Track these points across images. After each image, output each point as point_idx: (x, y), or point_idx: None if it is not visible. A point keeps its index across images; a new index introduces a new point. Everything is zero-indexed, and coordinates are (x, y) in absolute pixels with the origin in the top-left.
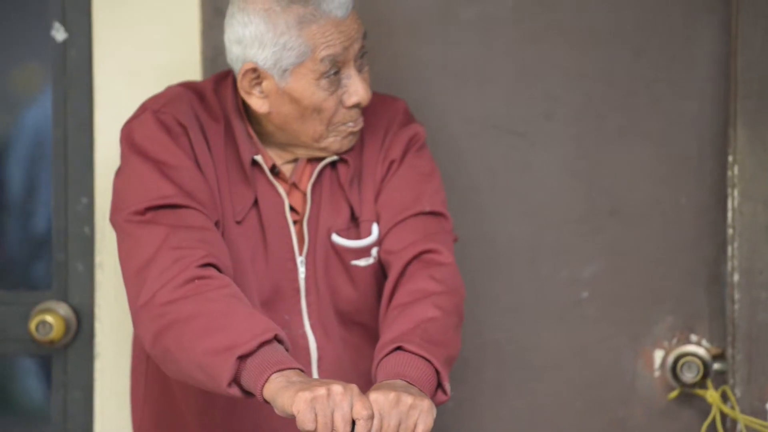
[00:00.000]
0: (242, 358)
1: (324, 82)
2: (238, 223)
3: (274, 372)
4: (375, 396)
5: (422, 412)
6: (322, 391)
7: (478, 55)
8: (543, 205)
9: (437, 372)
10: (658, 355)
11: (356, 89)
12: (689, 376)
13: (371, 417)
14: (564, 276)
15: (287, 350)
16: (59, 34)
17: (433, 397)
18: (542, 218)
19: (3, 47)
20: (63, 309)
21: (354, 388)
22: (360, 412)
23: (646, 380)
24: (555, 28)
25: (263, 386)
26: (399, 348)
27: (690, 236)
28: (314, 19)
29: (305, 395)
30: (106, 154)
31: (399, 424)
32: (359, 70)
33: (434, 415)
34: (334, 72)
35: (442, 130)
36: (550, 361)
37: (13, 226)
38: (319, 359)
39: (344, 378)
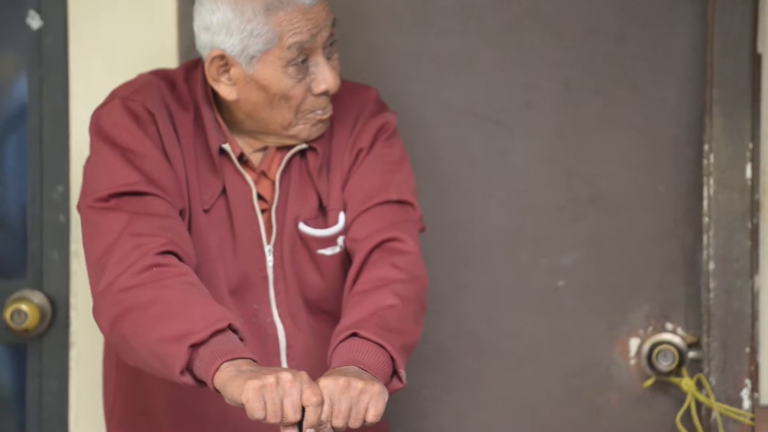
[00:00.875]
0: (195, 346)
1: (291, 69)
2: (206, 211)
3: (225, 361)
4: (325, 382)
5: (373, 396)
6: (270, 379)
7: (458, 44)
8: (522, 193)
9: (393, 359)
10: (634, 343)
11: (324, 77)
12: (665, 364)
13: (321, 403)
14: (543, 264)
15: (242, 340)
16: (35, 21)
17: (388, 384)
18: (521, 207)
19: None
20: (38, 298)
21: (303, 375)
22: (309, 398)
23: (622, 368)
24: (535, 16)
25: (214, 375)
26: (354, 334)
27: (667, 224)
28: (281, 6)
29: (254, 383)
30: (82, 142)
31: (350, 409)
32: (328, 58)
33: (386, 399)
34: (301, 59)
35: (421, 118)
36: (528, 349)
37: None
38: (288, 348)
39: (313, 366)
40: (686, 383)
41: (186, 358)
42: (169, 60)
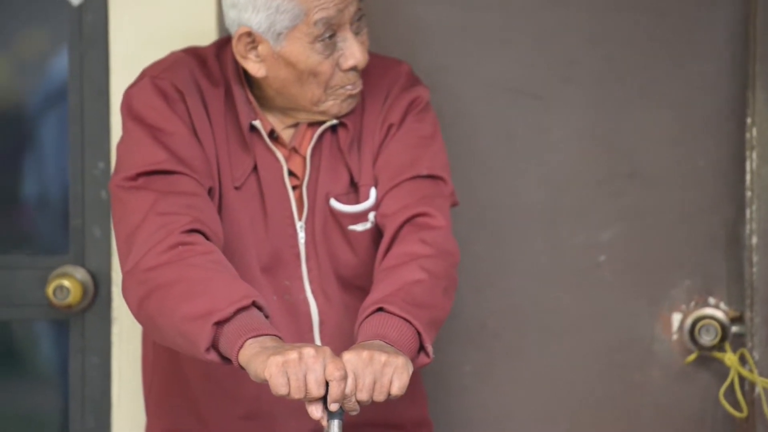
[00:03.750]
0: (219, 324)
1: (319, 45)
2: (237, 188)
3: (249, 338)
4: (348, 356)
5: (397, 368)
6: (293, 355)
7: (497, 18)
8: (561, 168)
9: (419, 334)
10: (676, 318)
11: (352, 52)
12: (707, 339)
13: (344, 377)
14: (582, 240)
15: (267, 317)
16: None
17: (414, 359)
18: (560, 182)
19: (19, 12)
20: (80, 273)
21: (326, 350)
22: (333, 373)
23: (664, 344)
24: None
25: (238, 352)
26: (380, 309)
27: (708, 199)
28: None
29: (277, 359)
30: None
31: (374, 383)
32: (356, 33)
33: (410, 372)
34: (329, 35)
35: (459, 94)
36: (569, 325)
37: (30, 190)
38: (321, 324)
39: (346, 342)
40: (729, 358)
41: (211, 335)
42: (209, 37)
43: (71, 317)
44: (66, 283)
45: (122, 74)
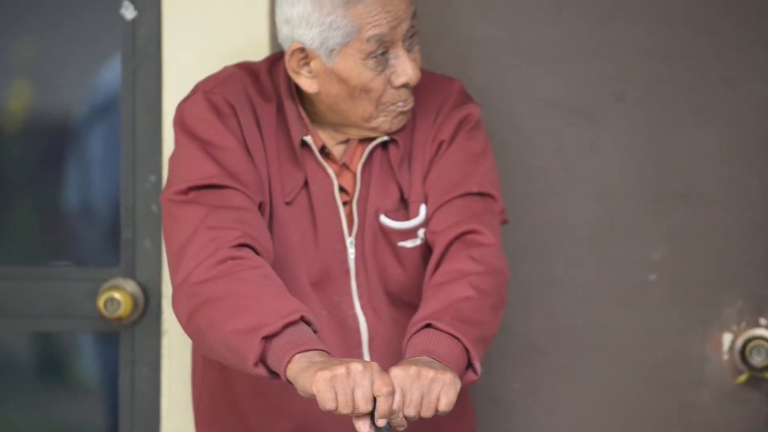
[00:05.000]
0: (268, 338)
1: (371, 62)
2: (288, 204)
3: (298, 352)
4: (396, 372)
5: (444, 384)
6: (341, 370)
7: (548, 36)
8: (612, 186)
9: (467, 351)
10: (727, 338)
11: (404, 69)
12: (758, 359)
13: (392, 393)
14: (633, 258)
15: (315, 332)
16: (129, 12)
17: (462, 376)
18: (612, 200)
19: (73, 25)
20: (131, 286)
21: (374, 365)
22: (380, 388)
23: (715, 364)
24: (628, 7)
25: (286, 366)
26: (428, 326)
27: (761, 219)
28: None
29: (324, 374)
30: None
31: (421, 398)
32: (408, 50)
33: (458, 388)
34: (381, 52)
35: (510, 111)
36: (618, 343)
37: (81, 203)
38: (370, 340)
39: (395, 358)
40: None
41: (259, 350)
42: (261, 52)
43: (121, 330)
44: (116, 295)
45: (175, 88)
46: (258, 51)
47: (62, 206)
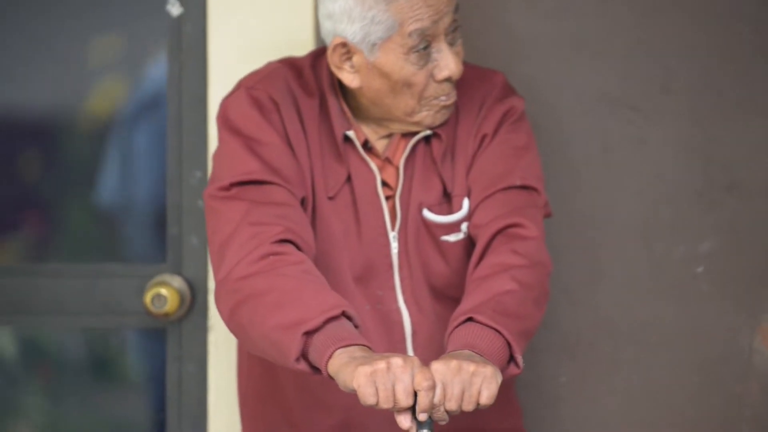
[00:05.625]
0: (309, 333)
1: (413, 56)
2: (331, 198)
3: (339, 348)
4: (436, 366)
5: (485, 378)
6: (381, 364)
7: (594, 28)
8: (658, 180)
9: (509, 344)
10: None
11: (447, 63)
12: None
13: (433, 387)
14: (680, 251)
15: (356, 327)
16: (175, 9)
17: (504, 370)
18: (658, 193)
19: (119, 22)
20: (177, 282)
21: (415, 360)
22: (421, 383)
23: (764, 356)
24: (672, 1)
25: (327, 362)
26: (470, 319)
27: None
28: None
29: (365, 369)
30: None
31: (462, 392)
32: (451, 44)
33: (499, 382)
34: (423, 46)
35: (555, 104)
36: (665, 337)
37: (127, 199)
38: (414, 334)
39: (438, 352)
40: None
41: (301, 345)
42: (306, 48)
43: (168, 326)
44: (163, 291)
45: (220, 84)
46: (302, 46)
47: (109, 203)
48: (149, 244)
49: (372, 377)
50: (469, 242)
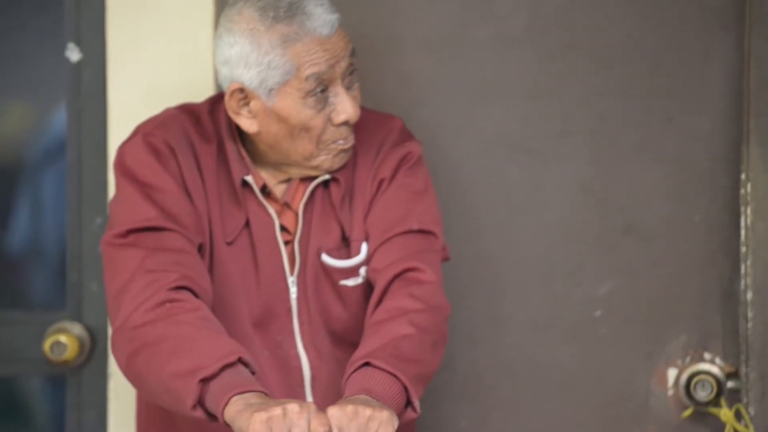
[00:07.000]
0: (205, 380)
1: (310, 100)
2: (229, 244)
3: (235, 394)
4: (333, 411)
5: (382, 422)
6: (277, 411)
7: (493, 74)
8: (557, 223)
9: (406, 389)
10: (672, 373)
11: (344, 107)
12: (703, 394)
13: None
14: (578, 294)
15: (253, 373)
16: (74, 54)
17: (401, 415)
18: (556, 236)
19: (17, 69)
20: (77, 329)
21: (311, 405)
22: (317, 428)
23: (660, 398)
24: (570, 46)
25: (224, 408)
26: (367, 364)
27: (704, 254)
28: (298, 37)
29: (261, 416)
30: None
31: None
32: (348, 88)
33: (395, 426)
34: (320, 90)
35: (455, 149)
36: (564, 379)
37: (27, 246)
38: (313, 379)
39: (338, 397)
40: (725, 414)
41: (197, 392)
42: (206, 93)
43: (68, 373)
44: (63, 338)
45: (120, 130)
46: (202, 93)
47: (10, 250)
48: (49, 290)
49: (268, 423)
50: (368, 287)
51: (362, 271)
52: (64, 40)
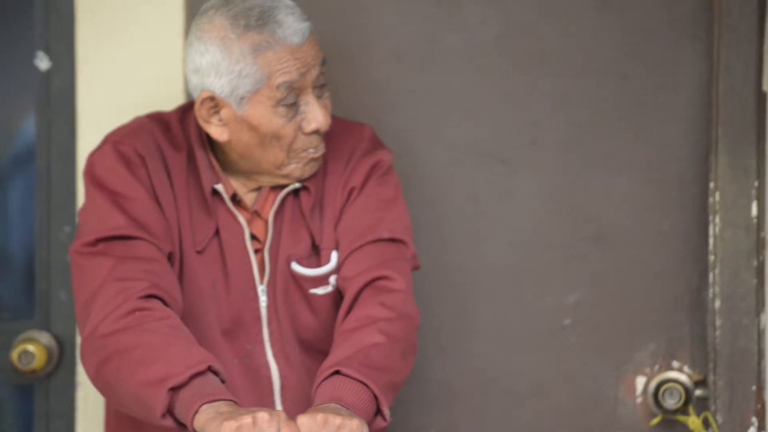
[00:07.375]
0: (175, 389)
1: (281, 109)
2: (199, 252)
3: (204, 403)
4: (302, 419)
5: (352, 430)
6: (247, 419)
7: (463, 83)
8: (527, 232)
9: (376, 397)
10: (640, 381)
11: (315, 116)
12: (671, 402)
13: None
14: (548, 303)
15: (223, 382)
16: (43, 63)
17: (371, 423)
18: (526, 245)
19: None
20: (45, 338)
21: (281, 414)
22: None
23: (628, 407)
24: (540, 55)
25: (193, 417)
26: (337, 372)
27: (673, 263)
28: (269, 46)
29: (231, 424)
30: None
31: None
32: (318, 97)
33: None
34: (291, 99)
35: (425, 157)
36: (533, 388)
37: None
38: (282, 388)
39: (307, 406)
40: (693, 422)
41: (166, 401)
42: (176, 102)
43: (36, 382)
44: (31, 347)
45: (89, 139)
46: (172, 101)
47: None
48: (18, 299)
49: None
50: (338, 295)
51: (332, 279)
52: (34, 48)
